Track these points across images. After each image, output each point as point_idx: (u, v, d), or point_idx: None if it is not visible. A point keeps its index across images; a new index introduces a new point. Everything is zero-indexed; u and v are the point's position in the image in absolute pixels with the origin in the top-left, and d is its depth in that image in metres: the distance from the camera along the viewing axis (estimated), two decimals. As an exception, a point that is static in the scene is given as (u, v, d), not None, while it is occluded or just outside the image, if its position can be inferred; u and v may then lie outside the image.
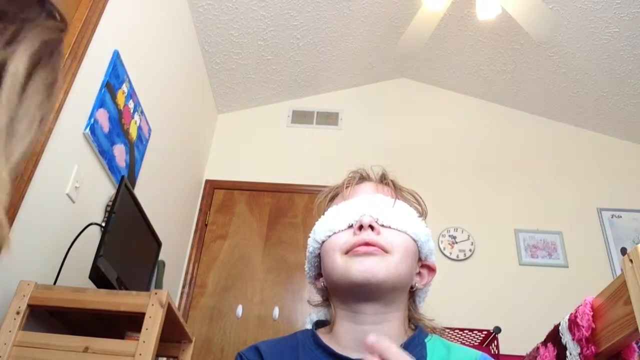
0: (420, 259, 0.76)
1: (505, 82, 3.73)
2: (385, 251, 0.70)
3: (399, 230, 0.73)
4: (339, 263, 0.70)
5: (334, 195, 0.83)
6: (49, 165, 1.71)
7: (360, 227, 0.71)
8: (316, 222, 0.79)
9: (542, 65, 3.48)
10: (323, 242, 0.75)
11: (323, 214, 0.80)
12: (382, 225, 0.72)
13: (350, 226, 0.73)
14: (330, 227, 0.74)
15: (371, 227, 0.71)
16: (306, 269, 0.81)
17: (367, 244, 0.69)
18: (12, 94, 0.36)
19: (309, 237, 0.79)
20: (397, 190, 0.80)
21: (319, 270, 0.79)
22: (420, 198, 0.82)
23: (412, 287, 0.75)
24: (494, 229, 3.43)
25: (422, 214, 0.80)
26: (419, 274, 0.76)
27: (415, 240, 0.74)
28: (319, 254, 0.77)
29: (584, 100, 3.64)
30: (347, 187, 0.80)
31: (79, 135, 1.90)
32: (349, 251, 0.70)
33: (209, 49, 3.34)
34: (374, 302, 0.70)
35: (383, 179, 0.82)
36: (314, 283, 0.81)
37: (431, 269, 0.78)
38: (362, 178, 0.83)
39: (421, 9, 2.66)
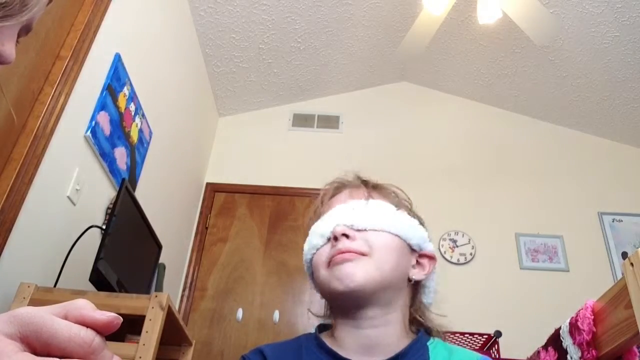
0: (415, 250, 0.76)
1: (506, 85, 3.73)
2: (363, 254, 0.70)
3: (375, 230, 0.72)
4: (324, 277, 0.72)
5: (319, 213, 0.82)
6: (50, 168, 1.71)
7: (336, 238, 0.72)
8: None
9: (543, 69, 3.48)
10: (311, 260, 0.76)
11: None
12: (359, 230, 0.72)
13: (329, 239, 0.73)
14: (313, 244, 0.75)
15: (346, 235, 0.71)
16: (309, 282, 0.83)
17: (341, 252, 0.70)
18: None
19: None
20: (370, 189, 0.79)
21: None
22: (398, 189, 0.81)
23: (410, 280, 0.74)
24: (495, 233, 3.43)
25: (400, 205, 0.78)
26: (419, 264, 0.76)
27: (397, 234, 0.73)
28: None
29: (585, 104, 3.64)
30: (322, 204, 0.81)
31: (80, 137, 1.90)
32: (329, 264, 0.71)
33: (210, 52, 3.34)
34: (370, 305, 0.69)
35: (358, 181, 0.82)
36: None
37: (431, 258, 0.77)
38: (338, 188, 0.82)
39: (422, 12, 2.67)
